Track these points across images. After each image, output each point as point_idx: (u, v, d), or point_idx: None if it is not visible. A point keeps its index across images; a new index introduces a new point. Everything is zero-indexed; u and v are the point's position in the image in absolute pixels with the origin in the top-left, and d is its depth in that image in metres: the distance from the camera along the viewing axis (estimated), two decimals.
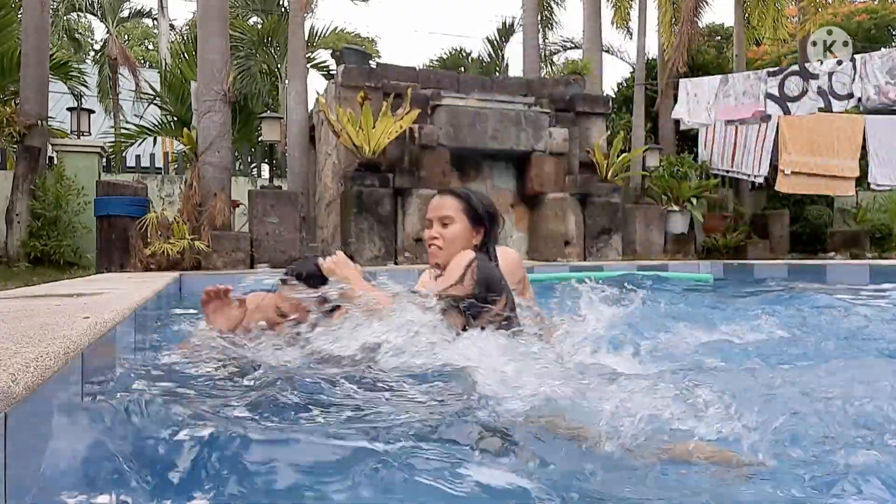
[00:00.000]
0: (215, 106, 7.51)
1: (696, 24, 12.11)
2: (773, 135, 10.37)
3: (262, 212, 7.27)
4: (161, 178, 10.34)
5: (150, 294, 2.95)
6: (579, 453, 1.30)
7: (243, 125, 11.44)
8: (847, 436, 1.34)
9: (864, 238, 11.21)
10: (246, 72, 12.22)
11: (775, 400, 1.54)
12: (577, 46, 16.36)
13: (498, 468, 1.19)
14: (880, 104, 10.05)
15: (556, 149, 8.35)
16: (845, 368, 2.05)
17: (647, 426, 1.29)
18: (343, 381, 1.61)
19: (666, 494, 1.17)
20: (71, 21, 19.37)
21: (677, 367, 2.08)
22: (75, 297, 2.32)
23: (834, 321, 3.32)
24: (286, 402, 1.54)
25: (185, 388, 1.70)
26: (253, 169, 12.04)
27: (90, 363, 1.36)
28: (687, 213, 9.97)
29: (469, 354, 1.79)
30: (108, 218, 7.43)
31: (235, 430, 1.26)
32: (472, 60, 17.21)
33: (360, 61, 8.26)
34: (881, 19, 22.48)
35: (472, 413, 1.45)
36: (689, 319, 3.13)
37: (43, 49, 8.69)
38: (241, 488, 1.10)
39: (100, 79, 17.32)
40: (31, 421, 0.94)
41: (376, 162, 7.51)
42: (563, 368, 1.83)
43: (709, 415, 1.34)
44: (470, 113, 7.96)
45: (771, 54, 20.36)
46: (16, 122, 8.24)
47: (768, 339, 2.69)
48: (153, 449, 1.29)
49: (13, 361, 0.94)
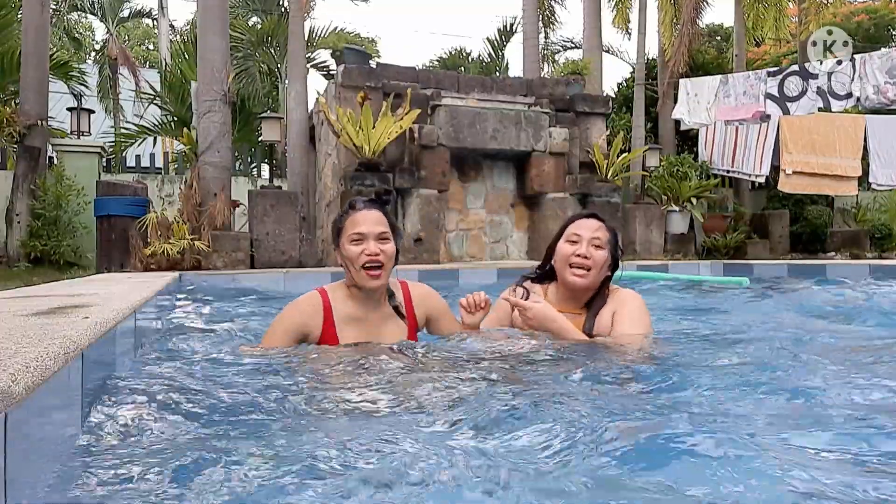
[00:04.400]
0: (215, 106, 7.51)
1: (697, 24, 12.12)
2: (775, 134, 10.37)
3: (262, 212, 7.27)
4: (161, 178, 10.34)
5: (150, 294, 2.95)
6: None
7: (243, 125, 11.44)
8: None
9: (864, 238, 11.21)
10: (245, 72, 12.23)
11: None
12: (577, 46, 16.36)
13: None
14: (879, 104, 10.06)
15: (556, 149, 8.35)
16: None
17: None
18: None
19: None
20: (71, 21, 19.39)
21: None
22: (75, 296, 2.32)
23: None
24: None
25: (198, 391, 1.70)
26: (253, 169, 12.04)
27: (90, 363, 1.36)
28: (687, 213, 9.97)
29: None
30: (108, 218, 7.44)
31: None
32: (473, 60, 17.22)
33: (360, 61, 8.25)
34: (881, 19, 22.49)
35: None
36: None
37: (43, 49, 8.69)
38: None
39: (100, 79, 17.34)
40: (31, 421, 0.94)
41: (376, 162, 7.51)
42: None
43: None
44: (470, 113, 7.96)
45: (771, 54, 20.38)
46: (16, 122, 8.25)
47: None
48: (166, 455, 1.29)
49: (13, 361, 0.94)
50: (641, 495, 1.04)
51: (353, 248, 2.11)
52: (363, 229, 2.12)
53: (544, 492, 1.04)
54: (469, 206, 8.39)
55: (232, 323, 3.46)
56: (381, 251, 2.11)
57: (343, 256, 2.16)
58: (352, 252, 2.11)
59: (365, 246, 2.10)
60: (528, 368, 1.93)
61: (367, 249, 2.10)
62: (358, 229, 2.12)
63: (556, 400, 1.50)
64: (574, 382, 1.76)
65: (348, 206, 2.20)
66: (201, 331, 3.19)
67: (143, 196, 7.82)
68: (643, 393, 1.70)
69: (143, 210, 7.45)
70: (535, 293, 2.33)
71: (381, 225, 2.15)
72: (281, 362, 1.99)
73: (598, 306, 2.32)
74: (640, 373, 1.86)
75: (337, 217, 2.23)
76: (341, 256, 2.17)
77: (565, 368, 1.90)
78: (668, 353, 2.16)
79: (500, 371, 1.86)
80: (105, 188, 7.74)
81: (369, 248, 2.10)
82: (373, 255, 2.09)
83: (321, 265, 7.66)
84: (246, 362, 2.04)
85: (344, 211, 2.21)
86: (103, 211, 7.47)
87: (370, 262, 2.10)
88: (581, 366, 1.91)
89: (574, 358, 2.03)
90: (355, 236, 2.12)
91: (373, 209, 2.17)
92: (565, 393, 1.60)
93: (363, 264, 2.10)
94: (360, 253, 2.10)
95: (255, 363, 2.00)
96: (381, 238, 2.13)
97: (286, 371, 1.91)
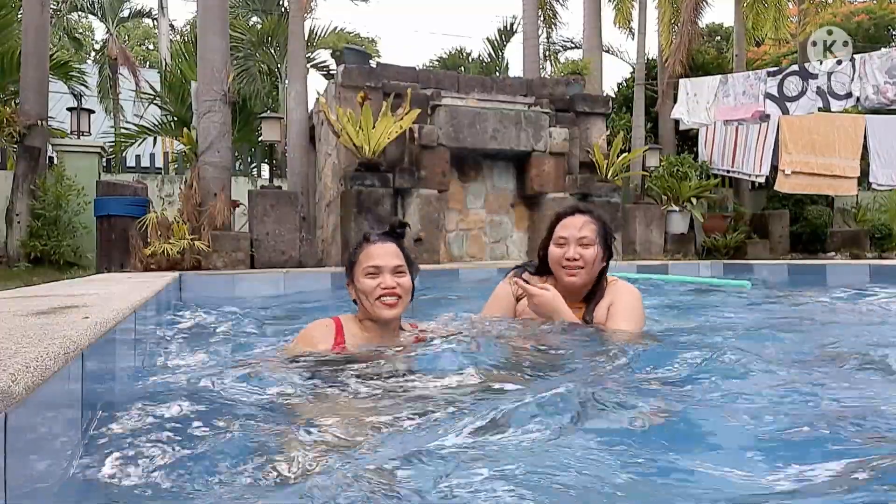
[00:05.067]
0: (215, 106, 7.51)
1: (696, 24, 12.11)
2: (774, 134, 10.37)
3: (262, 212, 7.27)
4: (161, 178, 10.34)
5: (150, 294, 2.95)
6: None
7: (243, 125, 11.44)
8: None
9: (864, 238, 11.21)
10: (246, 72, 12.22)
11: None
12: (577, 46, 16.37)
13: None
14: (879, 104, 10.06)
15: (556, 149, 8.35)
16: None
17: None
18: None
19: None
20: (71, 21, 19.39)
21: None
22: (75, 296, 2.32)
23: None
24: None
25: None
26: (253, 169, 12.04)
27: (90, 363, 1.36)
28: (687, 213, 9.96)
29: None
30: (108, 218, 7.43)
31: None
32: (473, 60, 17.23)
33: (360, 61, 8.25)
34: (880, 19, 22.49)
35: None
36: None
37: (43, 49, 8.69)
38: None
39: (100, 79, 17.34)
40: (31, 421, 0.94)
41: (376, 162, 7.51)
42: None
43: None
44: (470, 113, 7.96)
45: (771, 54, 20.38)
46: (16, 122, 8.24)
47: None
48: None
49: (13, 361, 0.94)
50: (641, 496, 1.05)
51: (368, 282, 2.05)
52: (379, 262, 2.06)
53: (545, 492, 1.04)
54: (469, 206, 8.39)
55: (231, 322, 3.46)
56: (397, 284, 2.05)
57: (357, 290, 2.09)
58: (367, 286, 2.05)
59: (381, 279, 2.04)
60: (529, 367, 1.93)
61: (382, 283, 2.04)
62: (373, 262, 2.06)
63: (554, 399, 1.50)
64: (574, 384, 1.76)
65: (363, 239, 2.15)
66: (201, 329, 3.19)
67: (143, 196, 7.81)
68: (639, 389, 1.70)
69: (143, 210, 7.45)
70: (541, 283, 2.35)
71: (398, 258, 2.09)
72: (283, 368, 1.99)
73: (598, 299, 2.36)
74: (637, 369, 1.88)
75: (351, 250, 2.18)
76: (355, 290, 2.11)
77: (565, 371, 1.91)
78: (663, 348, 2.17)
79: (501, 370, 1.86)
80: (105, 188, 7.74)
81: (385, 282, 2.04)
82: (389, 288, 2.04)
83: (321, 265, 7.66)
84: (252, 363, 2.05)
85: (358, 244, 2.15)
86: (103, 211, 7.47)
87: (386, 295, 2.04)
88: (583, 365, 1.92)
89: (574, 360, 2.04)
90: (371, 269, 2.06)
91: (388, 242, 2.12)
92: (564, 394, 1.60)
93: (378, 297, 2.04)
94: (375, 286, 2.04)
95: (262, 370, 2.00)
96: (398, 272, 2.07)
97: (286, 376, 1.90)
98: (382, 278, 2.04)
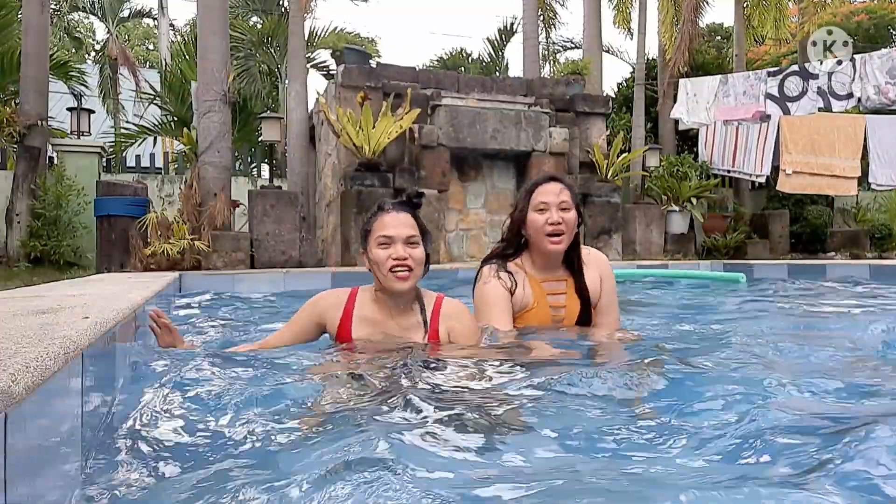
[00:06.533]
0: (215, 106, 7.51)
1: (697, 24, 12.10)
2: (775, 135, 10.37)
3: (262, 212, 7.27)
4: (161, 178, 10.34)
5: (151, 294, 2.95)
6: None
7: (243, 125, 11.44)
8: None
9: (864, 238, 11.21)
10: (246, 72, 12.23)
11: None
12: (577, 46, 16.36)
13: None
14: (880, 104, 10.06)
15: (556, 149, 8.35)
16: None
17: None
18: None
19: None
20: (71, 21, 19.38)
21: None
22: (75, 296, 2.32)
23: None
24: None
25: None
26: (253, 169, 12.04)
27: (90, 363, 1.36)
28: (687, 213, 9.96)
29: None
30: (108, 218, 7.43)
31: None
32: (473, 60, 17.24)
33: (360, 61, 8.25)
34: (881, 19, 22.49)
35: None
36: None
37: (43, 49, 8.69)
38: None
39: (100, 79, 17.32)
40: (31, 421, 0.94)
41: (376, 162, 7.51)
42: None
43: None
44: (470, 113, 7.96)
45: (771, 54, 20.38)
46: (16, 122, 8.24)
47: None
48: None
49: (13, 361, 0.94)
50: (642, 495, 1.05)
51: (380, 252, 2.02)
52: (391, 232, 2.02)
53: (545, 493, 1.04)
54: (469, 206, 8.39)
55: (230, 322, 3.46)
56: (408, 255, 2.00)
57: (370, 260, 2.06)
58: (379, 256, 2.02)
59: (392, 250, 2.00)
60: (530, 378, 1.93)
61: (394, 254, 2.00)
62: (385, 232, 2.02)
63: (561, 410, 1.50)
64: (577, 393, 1.76)
65: (377, 208, 2.10)
66: (201, 330, 3.19)
67: (143, 196, 7.81)
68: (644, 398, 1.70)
69: (143, 210, 7.45)
70: (515, 266, 2.42)
71: (411, 228, 2.04)
72: (279, 361, 1.99)
73: (580, 266, 2.42)
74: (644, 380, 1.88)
75: (366, 219, 2.13)
76: (368, 260, 2.08)
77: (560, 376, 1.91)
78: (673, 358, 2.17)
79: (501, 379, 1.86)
80: (105, 188, 7.74)
81: (396, 253, 2.00)
82: (400, 259, 1.99)
83: (321, 265, 7.66)
84: (251, 363, 2.04)
85: (373, 213, 2.11)
86: (103, 211, 7.47)
87: (397, 267, 2.00)
88: (584, 376, 1.92)
89: (578, 376, 2.04)
90: (382, 239, 2.02)
91: (402, 211, 2.07)
92: (567, 404, 1.60)
93: (390, 268, 2.00)
94: (387, 257, 2.00)
95: (256, 364, 2.00)
96: (410, 242, 2.02)
97: (284, 370, 1.90)
98: (394, 248, 2.00)
